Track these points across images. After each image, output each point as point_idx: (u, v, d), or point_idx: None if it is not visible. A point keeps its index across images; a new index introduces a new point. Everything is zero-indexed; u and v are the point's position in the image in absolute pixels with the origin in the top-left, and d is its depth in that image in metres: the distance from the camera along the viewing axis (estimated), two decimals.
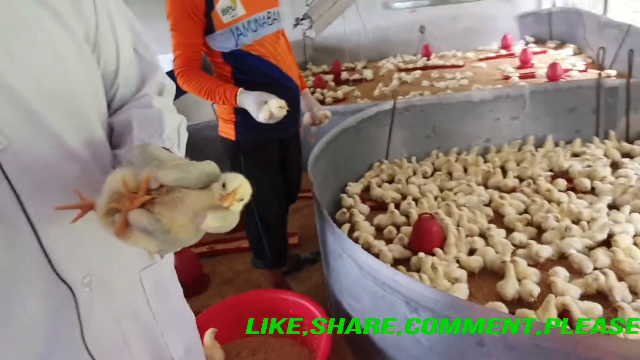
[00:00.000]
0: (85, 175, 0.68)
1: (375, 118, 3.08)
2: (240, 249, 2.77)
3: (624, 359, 1.15)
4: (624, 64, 3.12)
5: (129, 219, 0.54)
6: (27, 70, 0.61)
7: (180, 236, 0.54)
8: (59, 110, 0.65)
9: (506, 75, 4.81)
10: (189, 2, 1.66)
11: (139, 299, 0.80)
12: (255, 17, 1.77)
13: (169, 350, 0.86)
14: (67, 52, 0.66)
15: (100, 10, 0.73)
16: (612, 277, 1.78)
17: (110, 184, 0.57)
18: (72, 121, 0.67)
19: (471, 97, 3.16)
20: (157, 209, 0.54)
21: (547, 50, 5.76)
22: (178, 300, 0.94)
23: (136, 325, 0.79)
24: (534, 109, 3.15)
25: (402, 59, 6.41)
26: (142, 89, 0.82)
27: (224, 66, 1.84)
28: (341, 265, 1.84)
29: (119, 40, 0.78)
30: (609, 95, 3.03)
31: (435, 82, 4.95)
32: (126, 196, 0.55)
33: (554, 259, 2.02)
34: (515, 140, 3.16)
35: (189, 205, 0.53)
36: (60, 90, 0.65)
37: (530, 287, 1.81)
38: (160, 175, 0.54)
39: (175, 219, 0.53)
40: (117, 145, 0.75)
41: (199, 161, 0.57)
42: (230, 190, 0.54)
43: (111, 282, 0.74)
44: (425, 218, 2.23)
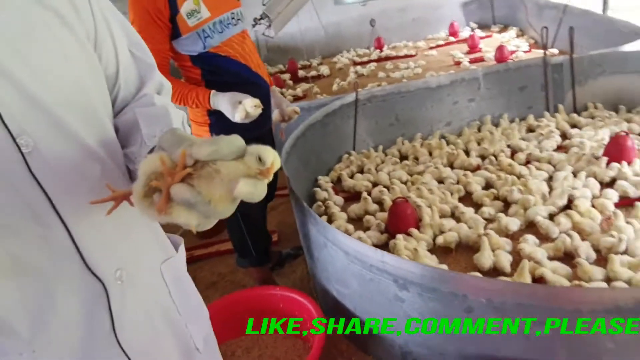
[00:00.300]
0: (106, 173, 0.71)
1: (339, 111, 3.15)
2: (221, 252, 2.78)
3: (596, 307, 1.27)
4: (563, 41, 3.33)
5: (172, 194, 0.56)
6: (44, 76, 0.63)
7: (218, 208, 0.56)
8: (76, 113, 0.67)
9: (457, 60, 5.00)
10: (152, 8, 1.65)
11: (163, 292, 0.83)
12: (220, 19, 1.79)
13: (193, 341, 0.89)
14: (75, 54, 0.68)
15: (96, 13, 0.75)
16: (577, 237, 1.92)
17: (145, 168, 0.59)
18: (88, 122, 0.69)
19: (429, 84, 3.29)
20: (196, 183, 0.56)
21: (492, 34, 6.02)
22: (194, 292, 0.98)
23: (164, 318, 0.82)
24: (488, 90, 3.32)
25: (356, 53, 6.52)
26: (141, 90, 0.84)
27: (193, 69, 1.84)
28: (326, 254, 1.89)
29: (117, 43, 0.79)
30: (555, 71, 3.23)
31: (391, 73, 5.08)
32: (166, 172, 0.57)
33: (522, 228, 2.15)
34: (473, 121, 3.31)
35: (225, 176, 0.56)
36: (74, 93, 0.67)
37: (504, 256, 1.93)
38: (195, 151, 0.57)
39: (213, 191, 0.56)
40: (124, 145, 0.77)
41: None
42: (270, 164, 0.57)
43: (139, 276, 0.76)
44: (399, 202, 2.31)
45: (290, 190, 2.14)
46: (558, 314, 1.32)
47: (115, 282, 0.71)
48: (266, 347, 2.03)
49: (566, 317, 1.30)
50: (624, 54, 3.10)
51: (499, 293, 1.38)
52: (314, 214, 1.90)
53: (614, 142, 2.48)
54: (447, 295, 1.46)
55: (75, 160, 0.67)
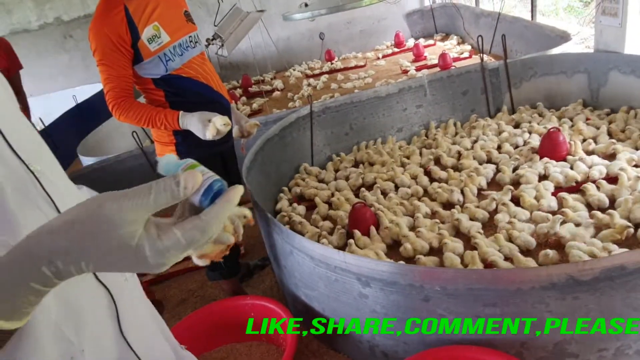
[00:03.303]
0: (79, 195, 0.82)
1: (295, 124, 3.26)
2: (189, 269, 2.81)
3: (534, 284, 1.43)
4: (499, 47, 3.60)
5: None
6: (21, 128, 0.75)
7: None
8: (44, 145, 0.79)
9: (404, 69, 5.26)
10: (114, 36, 1.71)
11: (141, 291, 0.90)
12: (180, 42, 1.88)
13: (173, 338, 0.96)
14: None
15: None
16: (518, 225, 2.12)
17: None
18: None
19: (379, 93, 3.47)
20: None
21: (435, 43, 6.35)
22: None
23: (151, 315, 0.89)
24: (434, 96, 3.53)
25: (308, 66, 6.70)
26: None
27: (156, 92, 1.91)
28: (293, 261, 1.99)
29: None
30: (493, 75, 3.49)
31: (343, 84, 5.27)
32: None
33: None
34: (421, 125, 3.52)
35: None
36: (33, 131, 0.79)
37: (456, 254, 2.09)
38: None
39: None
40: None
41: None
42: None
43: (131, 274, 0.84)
44: (358, 207, 2.45)
45: (254, 203, 2.23)
46: (504, 294, 1.48)
47: (121, 280, 0.79)
48: (240, 356, 2.10)
49: (511, 296, 1.46)
50: (551, 57, 3.40)
51: (451, 280, 1.52)
52: (278, 223, 1.99)
53: (547, 137, 2.73)
54: (406, 287, 1.59)
55: (64, 180, 0.78)
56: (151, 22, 1.79)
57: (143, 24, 1.77)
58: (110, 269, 0.51)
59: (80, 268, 0.49)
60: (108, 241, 0.48)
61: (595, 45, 3.35)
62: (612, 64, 3.04)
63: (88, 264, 0.49)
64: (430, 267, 1.83)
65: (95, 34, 1.73)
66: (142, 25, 1.77)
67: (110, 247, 0.48)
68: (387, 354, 1.81)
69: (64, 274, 0.49)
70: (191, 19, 2.00)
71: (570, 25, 6.30)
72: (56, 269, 0.48)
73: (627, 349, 1.47)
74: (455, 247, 2.11)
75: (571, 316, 1.45)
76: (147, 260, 0.50)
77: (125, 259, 0.49)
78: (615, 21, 3.08)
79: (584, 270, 1.37)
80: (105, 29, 1.71)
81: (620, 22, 3.05)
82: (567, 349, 1.49)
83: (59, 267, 0.48)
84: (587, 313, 1.43)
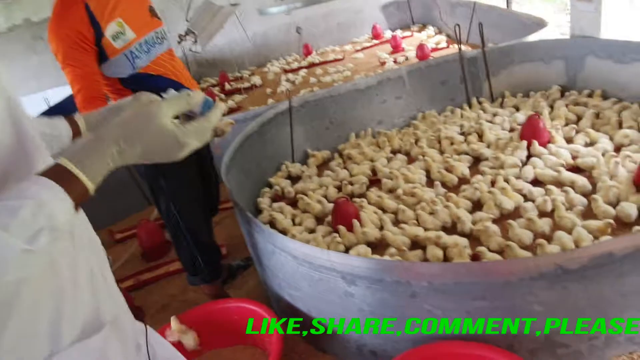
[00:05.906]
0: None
1: (274, 120, 3.19)
2: (169, 273, 2.73)
3: (523, 275, 1.41)
4: (476, 36, 3.58)
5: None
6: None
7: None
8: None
9: (382, 61, 5.22)
10: (75, 34, 1.62)
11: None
12: (146, 39, 1.79)
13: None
14: None
15: None
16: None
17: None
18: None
19: (358, 85, 3.41)
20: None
21: (413, 34, 6.33)
22: None
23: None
24: (413, 87, 3.50)
25: (286, 61, 6.61)
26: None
27: (124, 92, 1.82)
28: (276, 260, 1.93)
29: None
30: (471, 64, 3.47)
31: (322, 78, 5.20)
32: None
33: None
34: (401, 117, 3.48)
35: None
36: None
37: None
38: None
39: None
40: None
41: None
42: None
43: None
44: (341, 202, 2.39)
45: (234, 202, 2.16)
46: (493, 286, 1.45)
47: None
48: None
49: (500, 288, 1.43)
50: (528, 44, 3.39)
51: (439, 275, 1.49)
52: (259, 223, 1.93)
53: (527, 124, 2.71)
54: (393, 284, 1.55)
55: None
56: (114, 18, 1.70)
57: (106, 20, 1.68)
58: (152, 147, 0.73)
59: (135, 151, 0.72)
60: (152, 127, 0.73)
61: (571, 31, 3.35)
62: (588, 49, 3.04)
63: (138, 146, 0.72)
64: (417, 263, 1.79)
65: (55, 34, 1.63)
66: (105, 22, 1.68)
67: (154, 131, 0.73)
68: (375, 353, 1.77)
69: (125, 155, 0.71)
70: (156, 14, 1.91)
71: (546, 12, 6.35)
72: (119, 148, 0.71)
73: (617, 337, 1.46)
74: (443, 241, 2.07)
75: (561, 306, 1.42)
76: (177, 139, 0.75)
77: (163, 142, 0.74)
78: (591, 6, 3.08)
79: (572, 258, 1.35)
80: (65, 28, 1.62)
81: (595, 7, 3.06)
82: (558, 340, 1.46)
83: (121, 146, 0.71)
84: (576, 302, 1.41)
